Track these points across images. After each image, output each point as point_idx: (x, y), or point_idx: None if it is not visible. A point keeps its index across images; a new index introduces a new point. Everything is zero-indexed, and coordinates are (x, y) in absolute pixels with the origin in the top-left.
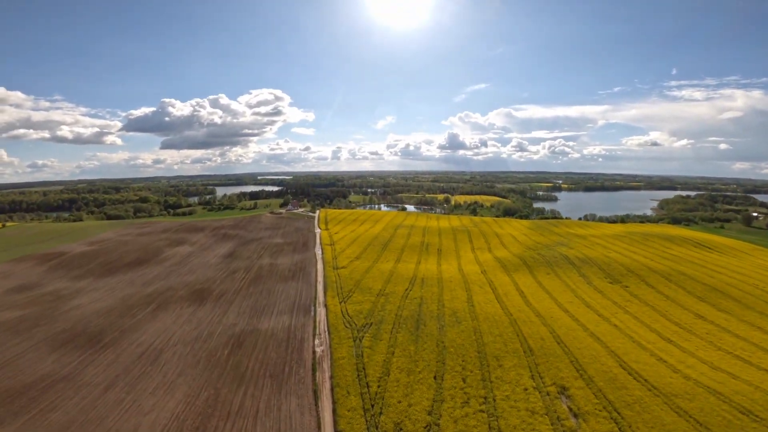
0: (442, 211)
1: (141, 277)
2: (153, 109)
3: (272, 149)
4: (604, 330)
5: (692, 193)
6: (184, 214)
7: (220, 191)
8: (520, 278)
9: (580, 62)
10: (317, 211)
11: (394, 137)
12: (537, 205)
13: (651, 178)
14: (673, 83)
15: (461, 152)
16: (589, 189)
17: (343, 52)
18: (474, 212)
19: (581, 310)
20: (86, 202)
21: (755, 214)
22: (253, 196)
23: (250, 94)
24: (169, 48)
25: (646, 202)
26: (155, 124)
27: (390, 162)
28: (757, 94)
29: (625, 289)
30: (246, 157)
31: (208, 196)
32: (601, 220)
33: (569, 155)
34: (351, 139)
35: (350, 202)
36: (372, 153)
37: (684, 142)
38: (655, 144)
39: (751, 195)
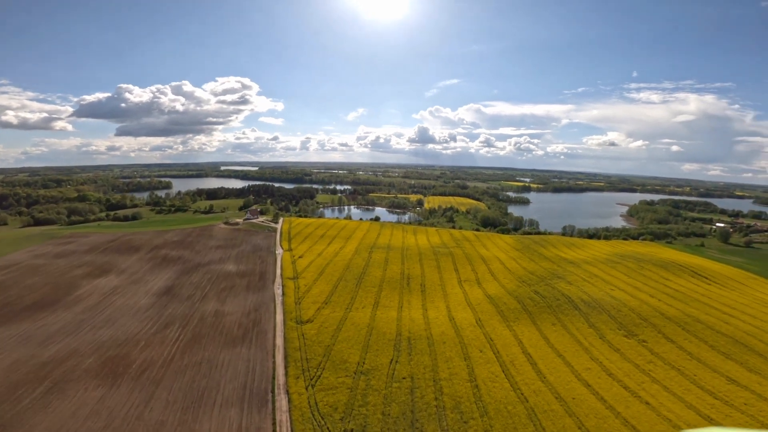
0: (417, 217)
1: (42, 329)
2: (108, 94)
3: (238, 138)
4: (636, 413)
5: (654, 198)
6: (126, 218)
7: (178, 184)
8: (523, 332)
9: (549, 62)
10: (280, 221)
11: (365, 129)
12: (511, 208)
13: (610, 178)
14: (633, 85)
15: (430, 146)
16: (557, 190)
17: (318, 42)
18: (451, 220)
19: (604, 382)
20: (18, 198)
21: (721, 224)
22: (211, 195)
23: (216, 81)
24: (129, 31)
25: (613, 207)
26: (110, 110)
27: (360, 154)
28: (709, 98)
29: (643, 346)
30: (210, 145)
31: (162, 192)
32: (581, 234)
33: (534, 152)
34: (321, 130)
35: (317, 202)
36: (342, 144)
37: (639, 143)
38: (612, 144)
39: (708, 200)
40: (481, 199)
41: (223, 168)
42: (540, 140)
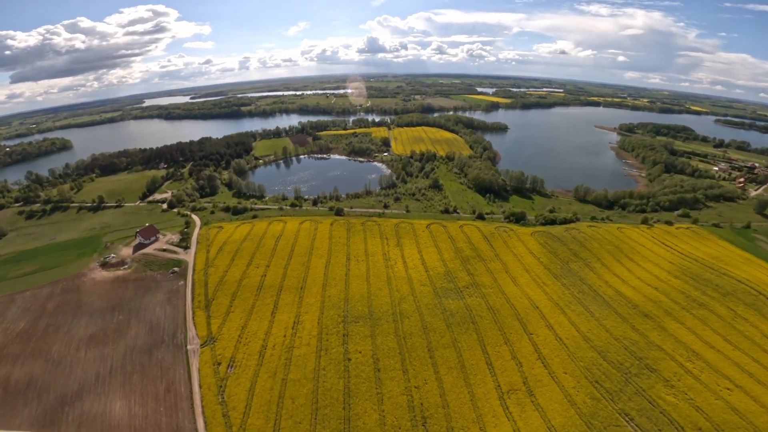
0: (390, 178)
1: None
2: None
3: (163, 67)
4: None
5: (620, 113)
6: None
7: (82, 139)
8: None
9: None
10: (193, 240)
11: (309, 43)
12: (491, 139)
13: (565, 86)
14: None
15: (381, 55)
16: (525, 106)
17: None
18: (437, 185)
19: None
20: None
21: (723, 165)
22: (107, 168)
23: (121, 13)
24: None
25: (595, 134)
26: None
27: (306, 68)
28: (656, 15)
29: None
30: (131, 77)
31: (54, 160)
32: (601, 202)
33: (486, 58)
34: (260, 48)
35: (255, 158)
36: (285, 60)
37: (588, 52)
38: (563, 52)
39: (675, 118)
40: (456, 131)
41: (146, 103)
42: (492, 47)
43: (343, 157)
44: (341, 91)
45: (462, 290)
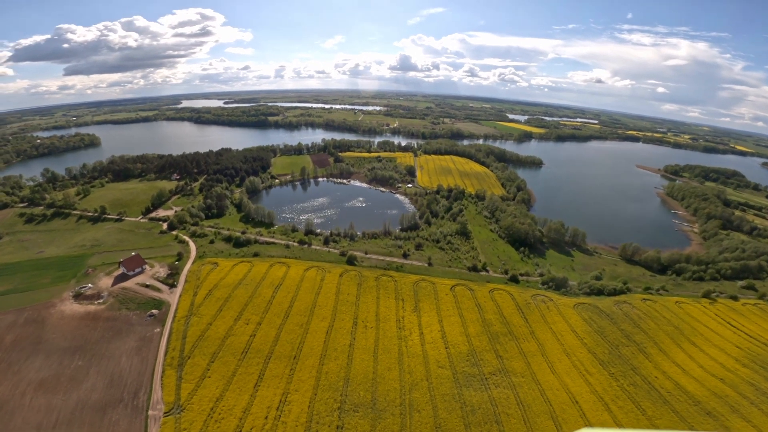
0: (413, 217)
1: None
2: (47, 36)
3: (205, 69)
4: None
5: (661, 151)
6: None
7: (113, 135)
8: None
9: None
10: (182, 276)
11: (343, 56)
12: (522, 174)
13: (600, 116)
14: (626, 27)
15: (412, 74)
16: (560, 138)
17: None
18: (464, 232)
19: None
20: None
21: None
22: (120, 174)
23: (174, 14)
24: None
25: (638, 176)
26: (51, 52)
27: (338, 81)
28: (702, 46)
29: None
30: (174, 78)
31: (81, 156)
32: (652, 264)
33: (517, 83)
34: (296, 58)
35: (272, 176)
36: (319, 72)
37: (626, 82)
38: (599, 81)
39: (720, 157)
40: (488, 164)
41: (183, 104)
42: (525, 72)
43: (364, 185)
44: (369, 108)
45: (487, 377)
